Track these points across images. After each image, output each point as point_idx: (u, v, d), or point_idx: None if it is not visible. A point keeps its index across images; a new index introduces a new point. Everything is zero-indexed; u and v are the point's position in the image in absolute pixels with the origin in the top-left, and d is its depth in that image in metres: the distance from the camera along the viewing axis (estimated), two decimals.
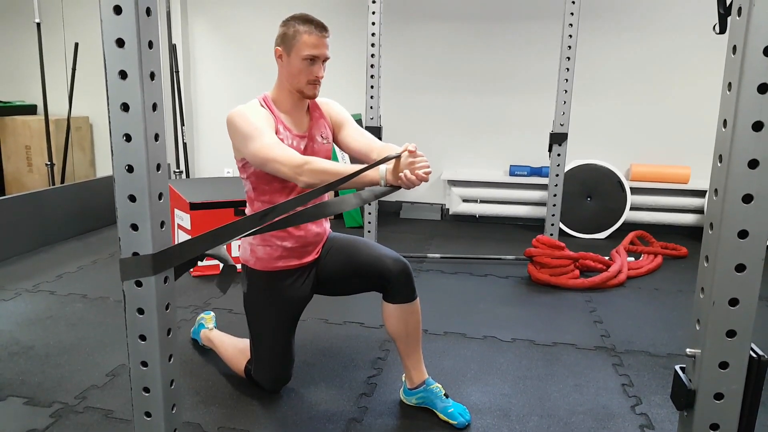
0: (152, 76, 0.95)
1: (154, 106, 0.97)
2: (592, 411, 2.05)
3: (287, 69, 1.86)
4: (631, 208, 4.43)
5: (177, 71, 4.81)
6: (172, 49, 4.78)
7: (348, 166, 1.67)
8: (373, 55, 3.37)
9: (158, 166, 0.99)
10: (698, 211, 4.40)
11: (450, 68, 4.72)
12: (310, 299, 2.06)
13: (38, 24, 4.34)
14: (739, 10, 0.84)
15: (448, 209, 4.90)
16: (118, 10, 0.90)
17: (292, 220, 1.23)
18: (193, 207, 3.30)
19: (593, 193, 4.37)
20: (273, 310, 1.98)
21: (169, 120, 4.85)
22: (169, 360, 1.08)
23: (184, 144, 4.93)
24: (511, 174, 4.61)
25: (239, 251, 2.04)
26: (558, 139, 3.49)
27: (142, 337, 1.04)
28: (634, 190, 4.39)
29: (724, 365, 0.93)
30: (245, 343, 2.17)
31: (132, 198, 0.97)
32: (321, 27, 1.83)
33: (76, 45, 4.63)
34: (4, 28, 5.45)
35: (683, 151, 4.47)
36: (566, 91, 3.40)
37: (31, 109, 5.45)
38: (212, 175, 5.31)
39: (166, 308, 1.05)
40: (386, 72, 4.42)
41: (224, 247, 1.13)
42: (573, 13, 3.29)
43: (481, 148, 4.78)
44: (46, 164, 4.66)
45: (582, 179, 4.34)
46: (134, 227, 0.99)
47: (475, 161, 4.79)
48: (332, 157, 2.15)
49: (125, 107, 0.94)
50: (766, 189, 0.86)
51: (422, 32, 4.72)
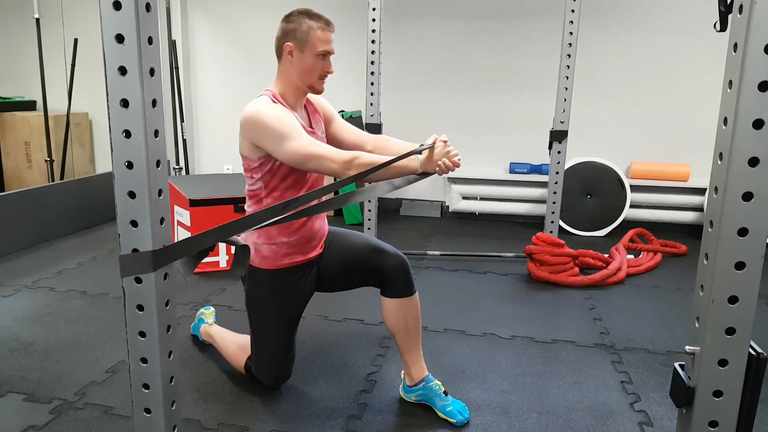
0: (152, 72, 0.95)
1: (154, 102, 0.97)
2: (591, 408, 2.05)
3: (299, 65, 1.85)
4: (631, 206, 4.44)
5: (177, 67, 4.80)
6: (172, 45, 4.77)
7: (385, 158, 1.75)
8: (373, 52, 3.37)
9: (158, 163, 0.99)
10: (698, 209, 4.40)
11: (450, 66, 4.71)
12: (312, 295, 2.06)
13: (37, 20, 4.34)
14: (740, 7, 0.84)
15: (448, 206, 4.90)
16: (117, 5, 0.90)
17: (316, 209, 1.29)
18: (193, 204, 3.30)
19: (593, 191, 4.37)
20: (277, 308, 1.98)
21: (169, 116, 4.84)
22: (169, 356, 1.08)
23: (184, 140, 4.93)
24: (511, 171, 4.61)
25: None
26: (558, 136, 3.49)
27: (142, 334, 1.04)
28: (634, 188, 4.39)
29: (723, 363, 0.93)
30: (245, 339, 2.17)
31: (132, 194, 0.97)
32: (329, 22, 1.87)
33: (76, 41, 4.63)
34: (3, 24, 5.44)
35: (683, 149, 4.47)
36: (566, 88, 3.40)
37: (30, 105, 5.44)
38: (212, 172, 5.31)
39: (166, 305, 1.05)
40: (386, 69, 4.42)
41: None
42: (574, 10, 3.28)
43: (481, 145, 4.78)
44: (46, 160, 4.66)
45: (582, 177, 4.34)
46: (134, 224, 0.99)
47: (475, 158, 4.79)
48: None
49: (125, 103, 0.94)
50: (766, 187, 0.86)
51: (423, 30, 4.71)
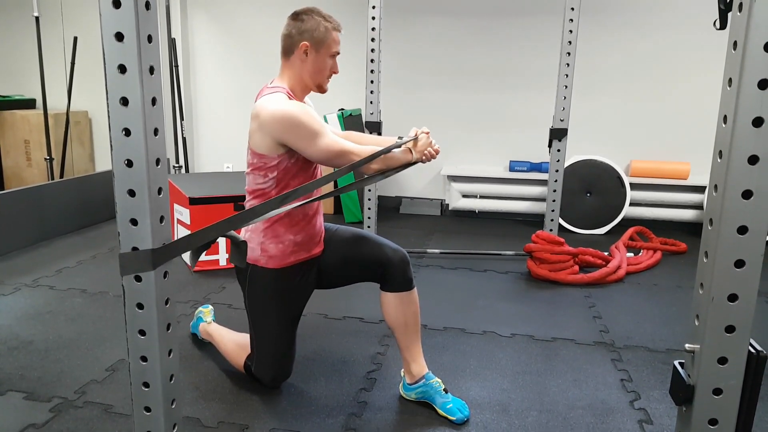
0: (151, 70, 0.95)
1: (154, 101, 0.97)
2: (591, 406, 2.06)
3: (313, 64, 1.88)
4: (631, 204, 4.44)
5: (176, 65, 4.79)
6: (172, 43, 4.77)
7: (377, 148, 1.84)
8: (373, 50, 3.36)
9: (157, 161, 0.99)
10: (698, 207, 4.40)
11: (450, 64, 4.71)
12: (312, 293, 2.06)
13: (37, 18, 4.33)
14: (740, 5, 0.84)
15: (447, 205, 4.90)
16: (117, 3, 0.90)
17: (316, 198, 1.40)
18: (193, 202, 3.30)
19: (593, 189, 4.36)
20: (280, 307, 1.98)
21: (169, 114, 4.84)
22: (169, 355, 1.08)
23: (184, 139, 4.92)
24: (511, 169, 4.61)
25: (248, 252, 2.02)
26: (558, 134, 3.48)
27: (142, 332, 1.04)
28: (634, 186, 4.39)
29: (723, 360, 0.93)
30: (244, 337, 2.17)
31: (131, 192, 0.97)
32: (339, 23, 1.92)
33: (75, 39, 4.62)
34: (2, 22, 5.43)
35: (683, 147, 4.47)
36: (566, 86, 3.40)
37: (30, 104, 5.44)
38: (212, 170, 5.31)
39: (166, 303, 1.05)
40: (386, 67, 4.42)
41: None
42: (573, 8, 3.28)
43: (480, 143, 4.78)
44: (45, 159, 4.66)
45: (582, 175, 4.34)
46: (134, 222, 0.98)
47: (475, 157, 4.79)
48: None
49: (124, 101, 0.94)
50: (766, 185, 0.86)
51: (423, 28, 4.71)
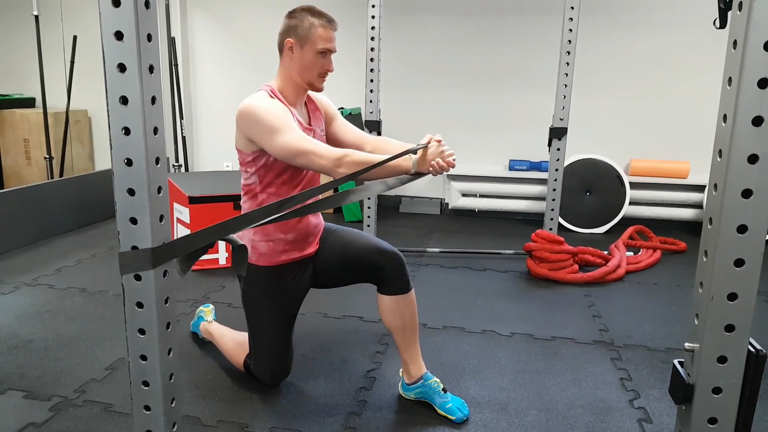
0: (151, 69, 0.95)
1: (153, 100, 0.96)
2: (590, 405, 2.06)
3: (299, 62, 1.85)
4: (630, 203, 4.44)
5: (176, 64, 4.79)
6: (171, 42, 4.76)
7: (379, 156, 1.72)
8: (372, 49, 3.36)
9: (157, 160, 0.99)
10: (697, 206, 4.40)
11: (450, 62, 4.71)
12: (307, 292, 2.06)
13: (36, 17, 4.33)
14: (740, 4, 0.84)
15: (447, 204, 4.90)
16: (116, 2, 0.90)
17: (311, 208, 1.25)
18: (192, 201, 3.30)
19: (592, 188, 4.37)
20: (274, 305, 1.98)
21: (168, 113, 4.84)
22: (169, 354, 1.08)
23: (183, 137, 4.92)
24: (511, 168, 4.61)
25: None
26: (557, 133, 3.48)
27: (142, 331, 1.04)
28: (634, 185, 4.39)
29: (722, 360, 0.93)
30: (244, 336, 2.17)
31: (131, 191, 0.97)
32: (332, 20, 1.85)
33: (75, 38, 4.62)
34: (2, 21, 5.43)
35: (682, 146, 4.47)
36: (566, 85, 3.39)
37: (29, 102, 5.43)
38: (211, 169, 5.30)
39: (166, 302, 1.05)
40: (386, 67, 4.42)
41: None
42: (573, 7, 3.28)
43: (480, 142, 4.77)
44: (45, 158, 4.65)
45: (581, 174, 4.34)
46: (133, 221, 0.98)
47: (474, 156, 4.79)
48: None
49: (124, 100, 0.94)
50: (766, 184, 0.86)
51: (422, 27, 4.71)
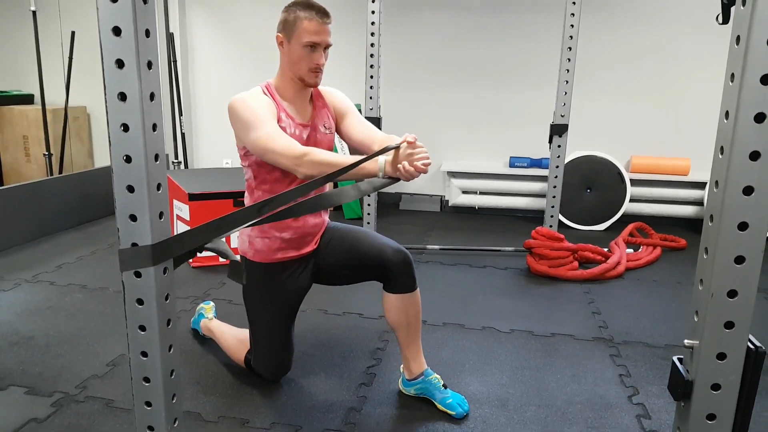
0: (149, 65, 0.95)
1: (152, 96, 0.96)
2: (589, 401, 2.06)
3: (288, 56, 1.83)
4: (631, 200, 4.44)
5: (175, 60, 4.78)
6: (170, 37, 4.75)
7: (348, 157, 1.66)
8: (372, 45, 3.35)
9: (156, 157, 0.98)
10: (698, 203, 4.40)
11: (450, 60, 4.70)
12: (309, 289, 2.06)
13: (34, 12, 4.31)
14: (743, 0, 0.84)
15: (447, 201, 4.89)
16: None
17: (290, 212, 1.21)
18: (192, 198, 3.30)
19: (593, 185, 4.36)
20: (272, 301, 1.98)
21: (167, 110, 4.83)
22: (169, 350, 1.08)
23: (183, 134, 4.92)
24: (511, 165, 4.61)
25: (238, 243, 2.03)
26: (558, 130, 3.48)
27: (142, 328, 1.04)
28: (634, 182, 4.39)
29: (721, 356, 0.93)
30: (245, 333, 2.18)
31: (130, 188, 0.97)
32: (322, 13, 1.80)
33: (73, 33, 4.61)
34: (0, 17, 5.42)
35: (683, 143, 4.46)
36: (567, 82, 3.39)
37: (28, 99, 5.42)
38: (211, 166, 5.30)
39: (166, 299, 1.05)
40: (386, 63, 4.41)
41: (224, 240, 1.11)
42: (575, 2, 3.27)
43: (481, 139, 4.77)
44: (44, 154, 4.65)
45: (582, 171, 4.34)
46: (133, 218, 0.98)
47: (475, 152, 4.78)
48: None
49: (122, 97, 0.93)
50: (767, 181, 0.85)
51: (423, 23, 4.70)
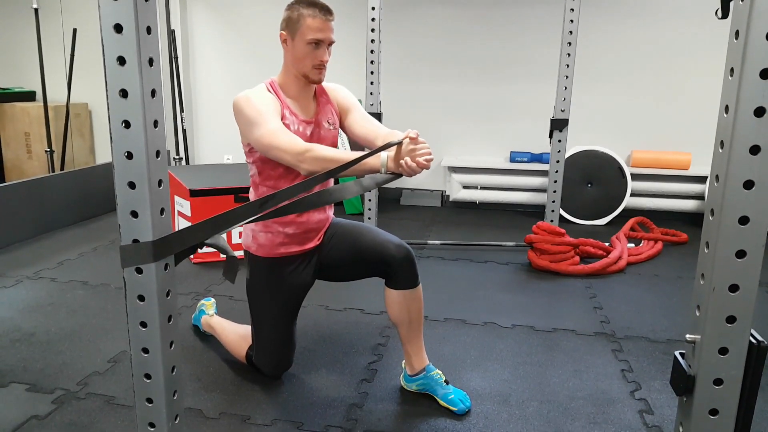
0: (151, 62, 0.95)
1: (153, 93, 0.96)
2: (591, 396, 2.06)
3: (292, 53, 1.84)
4: (632, 195, 4.43)
5: (176, 57, 4.78)
6: (171, 34, 4.75)
7: (350, 153, 1.66)
8: (373, 40, 3.35)
9: (157, 153, 0.99)
10: (699, 197, 4.39)
11: (451, 54, 4.69)
12: (312, 285, 2.06)
13: (36, 10, 4.31)
14: None
15: (448, 196, 4.89)
16: None
17: (292, 208, 1.21)
18: (193, 194, 3.30)
19: (594, 180, 4.36)
20: (275, 296, 1.98)
21: (169, 106, 4.83)
22: (170, 346, 1.08)
23: (184, 130, 4.92)
24: (512, 160, 4.61)
25: (241, 238, 2.04)
26: (559, 125, 3.48)
27: (143, 324, 1.04)
28: (635, 177, 4.38)
29: (723, 351, 0.93)
30: (246, 329, 2.18)
31: (131, 185, 0.97)
32: (325, 10, 1.81)
33: (75, 30, 4.60)
34: (2, 14, 5.41)
35: (684, 138, 4.45)
36: (567, 77, 3.38)
37: (29, 96, 5.43)
38: (212, 162, 5.30)
39: (167, 295, 1.05)
40: (386, 59, 4.40)
41: (224, 237, 1.12)
42: None
43: (481, 134, 4.76)
44: (46, 151, 4.65)
45: (582, 165, 4.33)
46: (134, 214, 0.98)
47: (475, 147, 4.78)
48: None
49: (124, 93, 0.93)
50: (767, 175, 0.85)
51: (423, 18, 4.69)
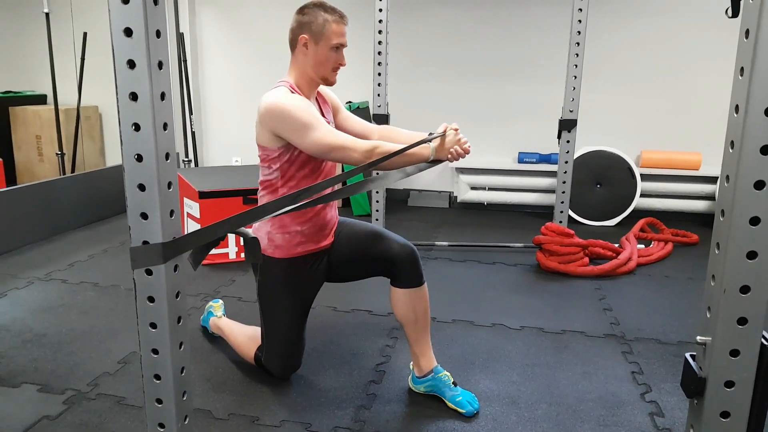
0: (160, 65, 0.95)
1: (163, 96, 0.97)
2: (601, 398, 2.05)
3: (314, 57, 1.90)
4: (642, 195, 4.40)
5: (185, 60, 4.80)
6: (180, 37, 4.78)
7: (398, 146, 1.79)
8: (380, 42, 3.35)
9: (167, 155, 0.99)
10: (709, 197, 4.36)
11: (458, 55, 4.68)
12: (322, 285, 2.07)
13: (47, 14, 4.35)
14: None
15: (456, 197, 4.88)
16: None
17: (327, 198, 1.30)
18: (202, 196, 3.32)
19: (603, 180, 4.34)
20: (290, 297, 2.00)
21: (178, 109, 4.85)
22: (180, 347, 1.08)
23: (193, 133, 4.94)
24: (520, 161, 4.59)
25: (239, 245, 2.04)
26: (567, 125, 3.46)
27: (153, 325, 1.05)
28: (645, 177, 4.36)
29: (735, 353, 0.92)
30: (254, 330, 2.19)
31: (141, 187, 0.98)
32: (343, 15, 1.92)
33: (85, 34, 4.64)
34: (13, 19, 5.47)
35: (694, 138, 4.42)
36: (575, 77, 3.37)
37: (41, 99, 5.48)
38: (221, 164, 5.32)
39: (176, 296, 1.06)
40: (394, 60, 4.40)
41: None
42: None
43: (489, 135, 4.75)
44: (57, 153, 4.69)
45: (591, 166, 4.31)
46: (144, 216, 0.99)
47: (483, 148, 4.77)
48: None
49: (134, 96, 0.94)
50: None
51: (430, 19, 4.68)
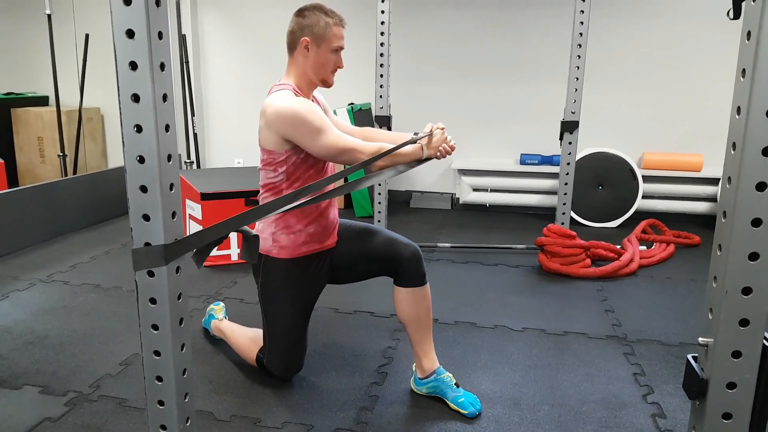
0: (162, 66, 0.95)
1: (165, 97, 0.97)
2: (603, 400, 2.05)
3: (315, 59, 1.91)
4: (643, 197, 4.40)
5: (187, 62, 4.81)
6: (182, 39, 4.78)
7: (391, 145, 1.87)
8: (382, 44, 3.35)
9: (169, 157, 0.99)
10: (711, 199, 4.36)
11: (460, 56, 4.68)
12: (324, 286, 2.08)
13: (49, 15, 4.36)
14: None
15: (458, 198, 4.88)
16: (127, 1, 0.91)
17: (326, 196, 1.34)
18: (204, 197, 3.32)
19: (605, 182, 4.33)
20: (293, 297, 2.00)
21: (180, 111, 4.86)
22: (182, 349, 1.09)
23: (195, 134, 4.95)
24: (522, 163, 4.59)
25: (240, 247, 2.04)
26: (569, 127, 3.46)
27: (155, 327, 1.05)
28: (646, 179, 4.35)
29: (737, 354, 0.92)
30: (255, 332, 2.19)
31: (143, 188, 0.98)
32: (342, 19, 1.95)
33: (87, 36, 4.65)
34: (15, 20, 5.48)
35: (696, 139, 4.42)
36: (577, 78, 3.37)
37: (43, 101, 5.49)
38: (223, 166, 5.33)
39: (178, 298, 1.06)
40: (396, 61, 4.40)
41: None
42: None
43: (491, 136, 4.75)
44: (59, 155, 4.70)
45: (593, 168, 4.31)
46: (146, 218, 0.99)
47: (485, 150, 4.77)
48: None
49: (136, 98, 0.94)
50: None
51: (432, 20, 4.69)
